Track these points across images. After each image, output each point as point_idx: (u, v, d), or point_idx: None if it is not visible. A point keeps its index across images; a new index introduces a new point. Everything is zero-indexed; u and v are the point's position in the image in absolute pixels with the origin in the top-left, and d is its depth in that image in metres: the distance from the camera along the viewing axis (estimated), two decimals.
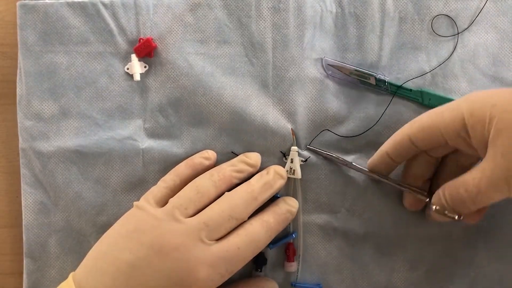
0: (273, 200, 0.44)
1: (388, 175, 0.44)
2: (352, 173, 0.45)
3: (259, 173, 0.43)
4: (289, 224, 0.45)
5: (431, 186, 0.45)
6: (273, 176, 0.43)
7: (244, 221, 0.41)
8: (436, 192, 0.40)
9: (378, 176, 0.44)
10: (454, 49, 0.45)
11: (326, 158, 0.45)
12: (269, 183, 0.42)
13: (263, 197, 0.42)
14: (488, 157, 0.36)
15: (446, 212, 0.39)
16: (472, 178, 0.36)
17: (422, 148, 0.41)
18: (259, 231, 0.40)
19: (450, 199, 0.38)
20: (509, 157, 0.34)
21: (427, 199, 0.43)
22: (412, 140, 0.40)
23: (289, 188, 0.45)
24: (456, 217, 0.39)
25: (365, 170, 0.45)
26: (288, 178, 0.44)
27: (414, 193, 0.43)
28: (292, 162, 0.45)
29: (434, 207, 0.40)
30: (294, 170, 0.45)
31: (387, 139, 0.44)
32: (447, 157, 0.43)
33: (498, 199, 0.36)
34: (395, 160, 0.43)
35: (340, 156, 0.45)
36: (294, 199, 0.44)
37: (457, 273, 0.46)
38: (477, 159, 0.41)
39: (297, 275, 0.46)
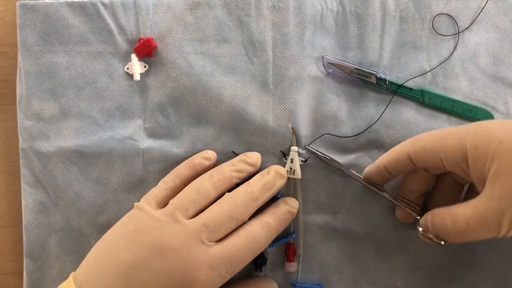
0: (273, 200, 0.44)
1: (384, 185, 0.44)
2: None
3: (259, 173, 0.43)
4: (290, 224, 0.45)
5: (426, 200, 0.44)
6: (274, 176, 0.42)
7: (245, 222, 0.41)
8: (425, 215, 0.40)
9: (372, 187, 0.44)
10: (455, 48, 0.45)
11: (324, 161, 0.45)
12: (270, 184, 0.42)
13: (263, 198, 0.42)
14: (483, 196, 0.35)
15: (431, 236, 0.39)
16: (462, 213, 0.36)
17: (421, 167, 0.41)
18: (259, 232, 0.40)
19: (436, 228, 0.38)
20: (504, 201, 0.34)
21: (418, 217, 0.42)
22: (411, 159, 0.40)
23: (289, 188, 0.45)
24: (442, 242, 0.39)
25: (360, 178, 0.44)
26: (288, 178, 0.44)
27: (406, 208, 0.43)
28: (292, 162, 0.45)
29: (419, 229, 0.40)
30: (294, 170, 0.44)
31: (388, 138, 0.45)
32: (445, 174, 0.43)
33: (485, 238, 0.36)
34: (392, 174, 0.43)
35: (338, 159, 0.45)
36: (294, 200, 0.44)
37: (457, 275, 0.46)
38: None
39: (297, 275, 0.46)
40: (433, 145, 0.39)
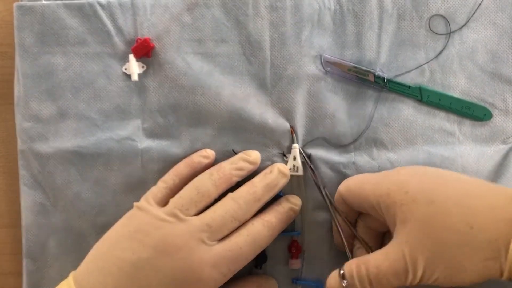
0: (275, 198, 0.44)
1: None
2: (350, 171, 0.45)
3: (262, 172, 0.43)
4: (293, 221, 0.45)
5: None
6: (277, 176, 0.43)
7: (246, 221, 0.41)
8: (348, 263, 0.38)
9: (333, 215, 0.43)
10: (444, 47, 0.45)
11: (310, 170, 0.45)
12: (273, 183, 0.42)
13: (266, 198, 0.42)
14: (393, 243, 0.36)
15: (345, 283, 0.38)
16: (375, 258, 0.36)
17: (354, 207, 0.42)
18: (260, 230, 0.41)
19: (356, 275, 0.37)
20: (411, 245, 0.35)
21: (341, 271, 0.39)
22: (343, 198, 0.42)
23: (292, 185, 0.45)
24: None
25: (329, 202, 0.44)
26: (291, 175, 0.44)
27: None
28: (294, 159, 0.45)
29: (341, 271, 0.38)
30: (297, 167, 0.45)
31: (386, 136, 0.45)
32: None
33: (397, 286, 0.36)
34: (343, 207, 0.43)
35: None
36: (297, 197, 0.44)
37: None
38: None
39: (301, 272, 0.46)
40: (356, 187, 0.41)
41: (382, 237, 0.44)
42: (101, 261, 0.39)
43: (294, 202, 0.44)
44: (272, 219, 0.42)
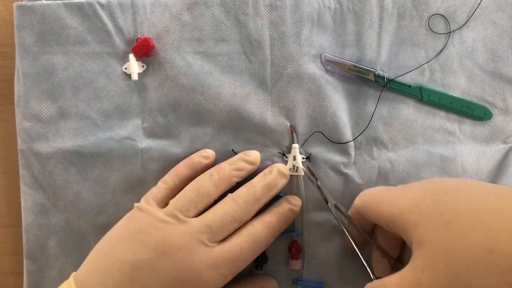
0: (275, 198, 0.44)
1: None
2: (351, 171, 0.45)
3: (261, 172, 0.43)
4: (293, 222, 0.45)
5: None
6: (276, 176, 0.42)
7: (246, 222, 0.41)
8: (370, 284, 0.37)
9: (343, 228, 0.42)
10: (444, 46, 0.45)
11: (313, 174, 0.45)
12: (272, 183, 0.42)
13: (265, 198, 0.42)
14: (410, 266, 0.34)
15: None
16: (391, 283, 0.35)
17: (371, 221, 0.41)
18: (261, 231, 0.41)
19: None
20: (427, 272, 0.33)
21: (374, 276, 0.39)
22: (359, 213, 0.41)
23: (292, 185, 0.45)
24: None
25: (341, 217, 0.43)
26: (291, 175, 0.44)
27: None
28: (294, 159, 0.45)
29: None
30: (297, 167, 0.45)
31: (387, 135, 0.45)
32: None
33: None
34: (357, 221, 0.43)
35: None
36: (296, 198, 0.44)
37: None
38: None
39: (302, 272, 0.46)
40: (371, 203, 0.39)
41: (402, 243, 0.43)
42: (102, 262, 0.39)
43: (293, 202, 0.44)
44: (272, 219, 0.42)
